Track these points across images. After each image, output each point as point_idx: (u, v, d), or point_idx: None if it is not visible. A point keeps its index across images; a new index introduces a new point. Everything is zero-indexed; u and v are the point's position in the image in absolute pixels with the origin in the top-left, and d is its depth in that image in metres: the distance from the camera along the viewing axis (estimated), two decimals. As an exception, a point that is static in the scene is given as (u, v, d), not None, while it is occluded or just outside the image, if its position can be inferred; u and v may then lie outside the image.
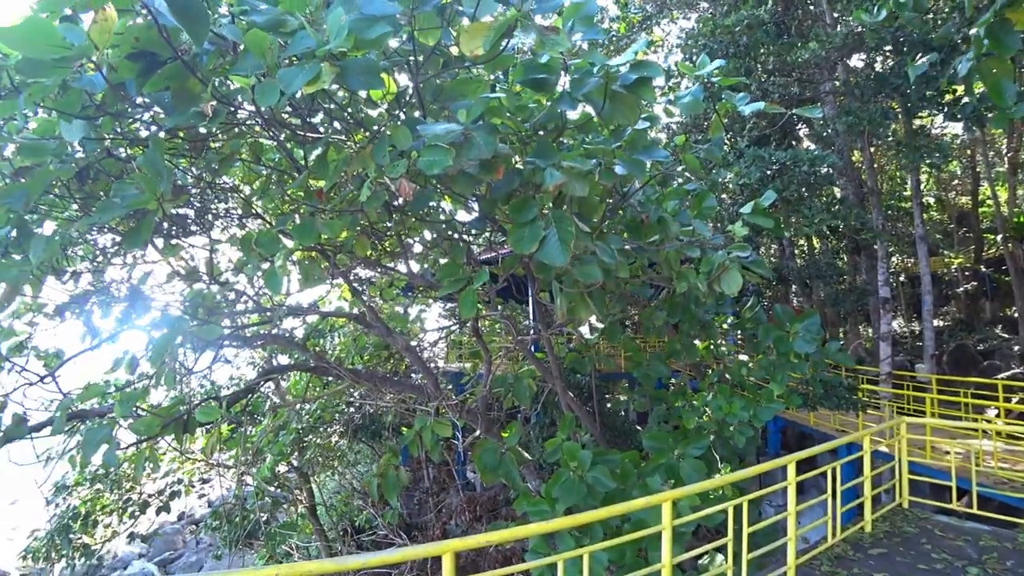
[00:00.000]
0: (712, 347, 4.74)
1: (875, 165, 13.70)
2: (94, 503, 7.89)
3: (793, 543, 3.58)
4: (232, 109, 2.63)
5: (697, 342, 4.80)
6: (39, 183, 2.24)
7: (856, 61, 12.99)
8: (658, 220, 3.30)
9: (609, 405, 7.89)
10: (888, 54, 10.43)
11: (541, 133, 3.26)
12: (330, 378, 7.07)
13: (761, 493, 3.75)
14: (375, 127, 3.08)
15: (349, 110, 3.28)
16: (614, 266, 2.88)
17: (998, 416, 9.10)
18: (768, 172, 5.14)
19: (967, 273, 18.53)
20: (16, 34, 1.47)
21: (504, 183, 2.72)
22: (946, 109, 8.05)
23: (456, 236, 4.80)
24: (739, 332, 4.83)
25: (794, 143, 12.28)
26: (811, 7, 11.46)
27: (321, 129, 3.45)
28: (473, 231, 4.99)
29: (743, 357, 5.07)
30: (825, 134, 9.10)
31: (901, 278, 19.15)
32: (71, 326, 4.43)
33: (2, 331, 3.98)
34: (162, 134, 2.81)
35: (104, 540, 8.18)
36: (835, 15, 10.71)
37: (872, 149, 12.85)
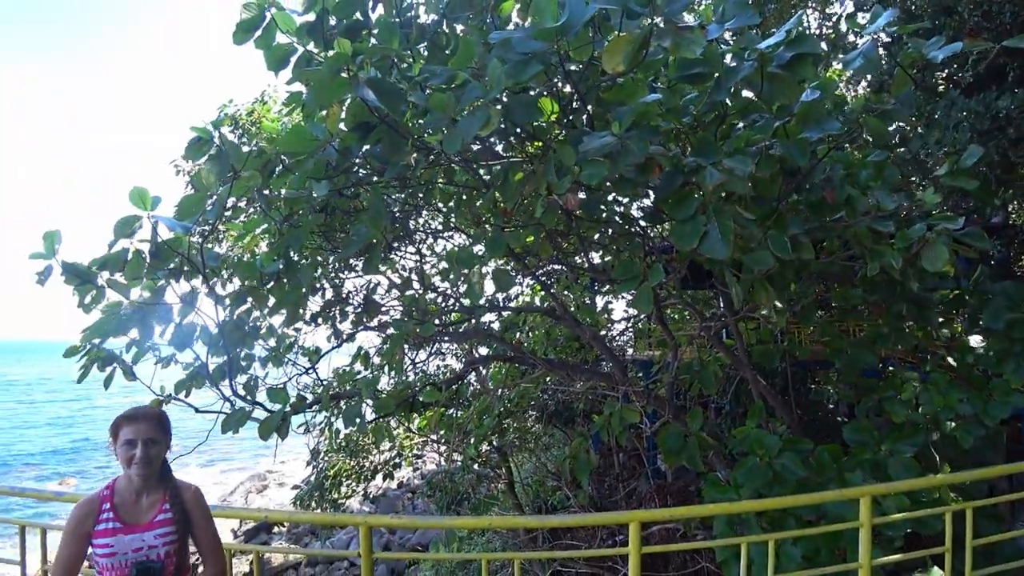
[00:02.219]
0: (931, 330, 4.13)
1: None
2: (339, 468, 9.96)
3: (1036, 565, 3.05)
4: (429, 152, 3.16)
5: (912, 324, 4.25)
6: (307, 229, 3.02)
7: None
8: (846, 199, 3.07)
9: (811, 395, 7.25)
10: None
11: (707, 120, 3.25)
12: (526, 367, 7.69)
13: (990, 501, 3.23)
14: (547, 136, 3.38)
15: (520, 129, 3.65)
16: (786, 254, 2.80)
17: None
18: (983, 127, 4.07)
19: None
20: (287, 139, 2.16)
21: (665, 183, 2.81)
22: None
23: (632, 230, 4.93)
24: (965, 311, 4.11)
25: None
26: None
27: (499, 150, 3.88)
28: (649, 222, 5.06)
29: (976, 340, 4.32)
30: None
31: None
32: (321, 330, 5.60)
33: (279, 336, 5.20)
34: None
35: (345, 497, 10.26)
36: None
37: None
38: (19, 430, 35.86)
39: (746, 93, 2.96)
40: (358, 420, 4.02)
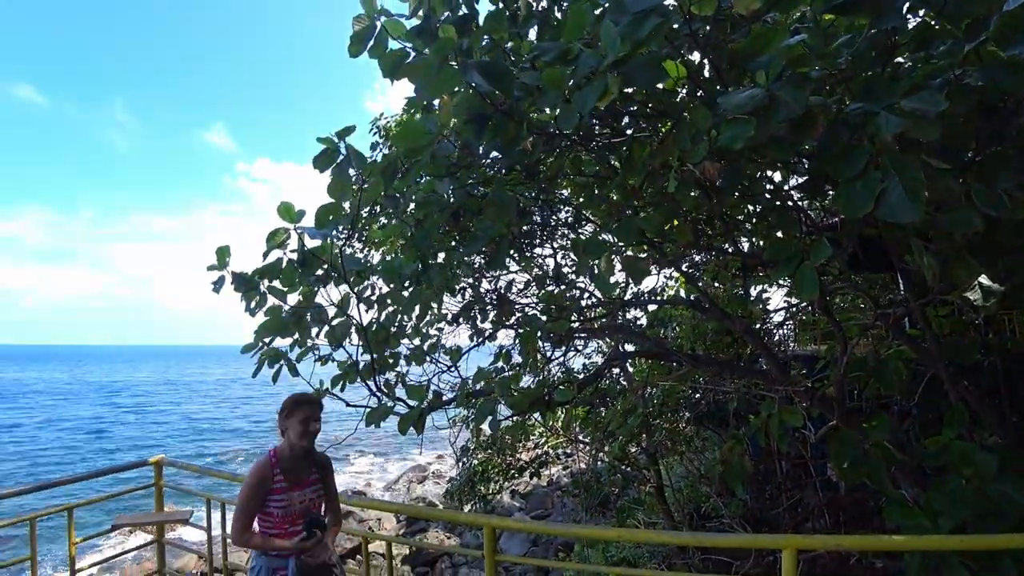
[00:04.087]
0: None
1: None
2: (487, 463, 10.28)
3: None
4: (547, 137, 3.03)
5: None
6: (433, 228, 3.06)
7: None
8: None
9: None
10: None
11: (870, 59, 2.70)
12: (672, 364, 7.25)
13: None
14: (679, 111, 3.07)
15: (650, 105, 3.36)
16: (1000, 211, 2.21)
17: None
18: None
19: None
20: (400, 134, 2.19)
21: (828, 140, 2.37)
22: None
23: (786, 205, 4.37)
24: None
25: None
26: None
27: (629, 131, 3.63)
28: (807, 196, 4.45)
29: None
30: None
31: None
32: (463, 329, 5.77)
33: (423, 335, 5.42)
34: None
35: (495, 492, 10.59)
36: None
37: None
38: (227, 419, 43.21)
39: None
40: (491, 418, 4.02)
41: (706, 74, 3.26)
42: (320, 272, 3.59)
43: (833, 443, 3.75)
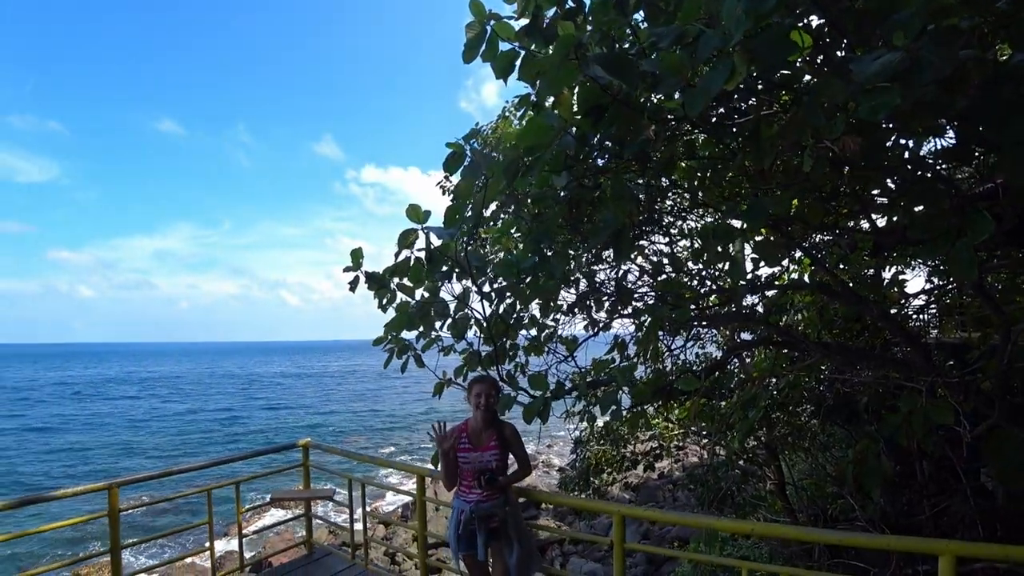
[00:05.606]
0: None
1: None
2: (601, 454, 10.29)
3: None
4: (667, 122, 2.99)
5: None
6: (552, 222, 3.17)
7: None
8: None
9: None
10: None
11: None
12: (795, 354, 6.83)
13: None
14: (800, 82, 2.89)
15: (767, 81, 3.20)
16: None
17: None
18: None
19: None
20: (524, 133, 2.31)
21: (985, 99, 2.13)
22: None
23: (931, 175, 3.96)
24: None
25: None
26: None
27: (743, 106, 3.48)
28: (954, 163, 4.01)
29: None
30: None
31: None
32: (577, 319, 5.83)
33: (540, 325, 5.55)
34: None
35: (607, 484, 10.65)
36: None
37: None
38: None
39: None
40: (614, 408, 4.06)
41: (825, 40, 3.05)
42: (445, 268, 3.82)
43: (992, 444, 3.37)
